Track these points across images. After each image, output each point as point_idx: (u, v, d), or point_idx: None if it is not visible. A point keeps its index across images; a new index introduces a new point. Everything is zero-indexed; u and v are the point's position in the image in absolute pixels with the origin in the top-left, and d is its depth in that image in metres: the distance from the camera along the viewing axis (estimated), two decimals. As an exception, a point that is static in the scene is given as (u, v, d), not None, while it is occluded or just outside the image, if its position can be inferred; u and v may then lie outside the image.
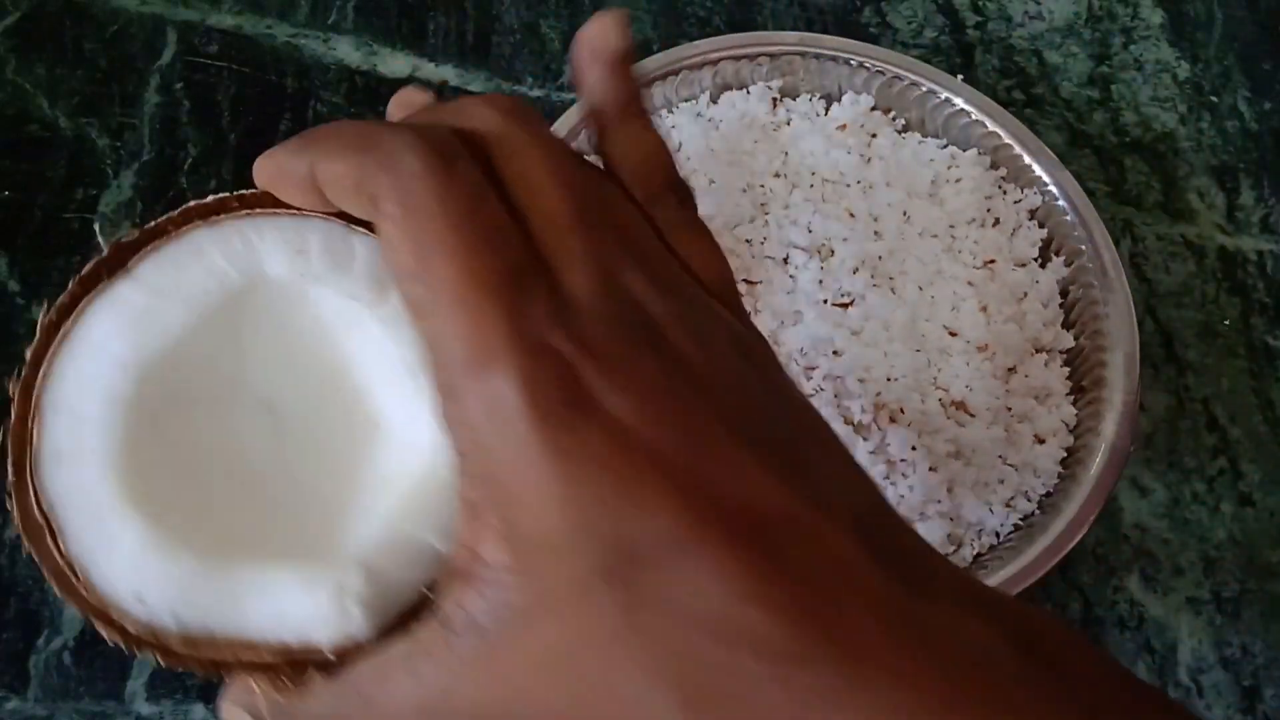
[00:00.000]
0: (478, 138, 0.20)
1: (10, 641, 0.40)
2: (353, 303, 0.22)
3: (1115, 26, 0.57)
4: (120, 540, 0.21)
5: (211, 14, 0.53)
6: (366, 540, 0.21)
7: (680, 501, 0.17)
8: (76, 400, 0.21)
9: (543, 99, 0.52)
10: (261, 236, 0.23)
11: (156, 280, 0.22)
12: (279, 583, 0.21)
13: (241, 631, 0.20)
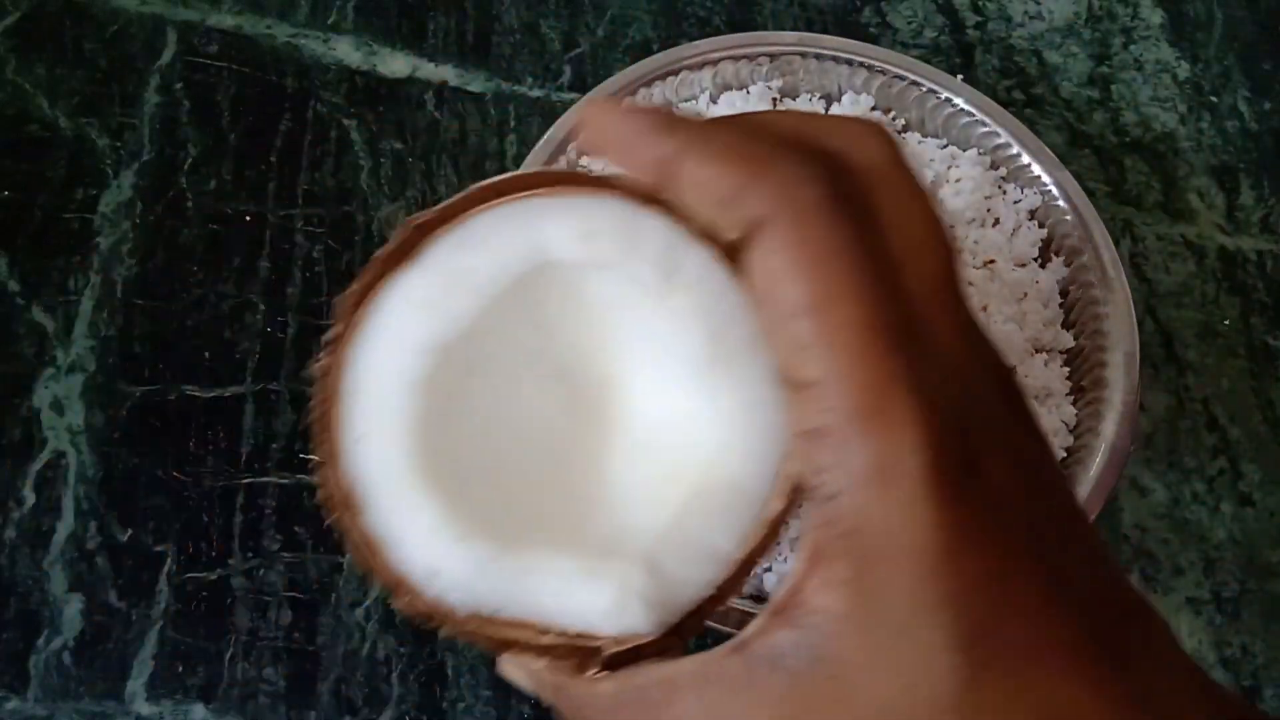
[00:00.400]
0: (859, 170, 0.19)
1: (10, 641, 0.40)
2: (637, 289, 0.22)
3: (1115, 26, 0.57)
4: (417, 519, 0.21)
5: (211, 14, 0.53)
6: (651, 533, 0.21)
7: (1054, 611, 0.17)
8: (375, 385, 0.22)
9: (542, 99, 0.52)
10: (550, 218, 0.22)
11: (446, 266, 0.22)
12: (565, 570, 0.21)
13: (526, 613, 0.21)
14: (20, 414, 0.44)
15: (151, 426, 0.44)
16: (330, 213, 0.49)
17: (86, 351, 0.45)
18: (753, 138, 0.19)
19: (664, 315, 0.22)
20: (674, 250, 0.21)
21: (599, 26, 0.55)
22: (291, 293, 0.47)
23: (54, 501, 0.42)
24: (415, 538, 0.21)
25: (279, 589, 0.41)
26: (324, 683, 0.40)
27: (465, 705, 0.40)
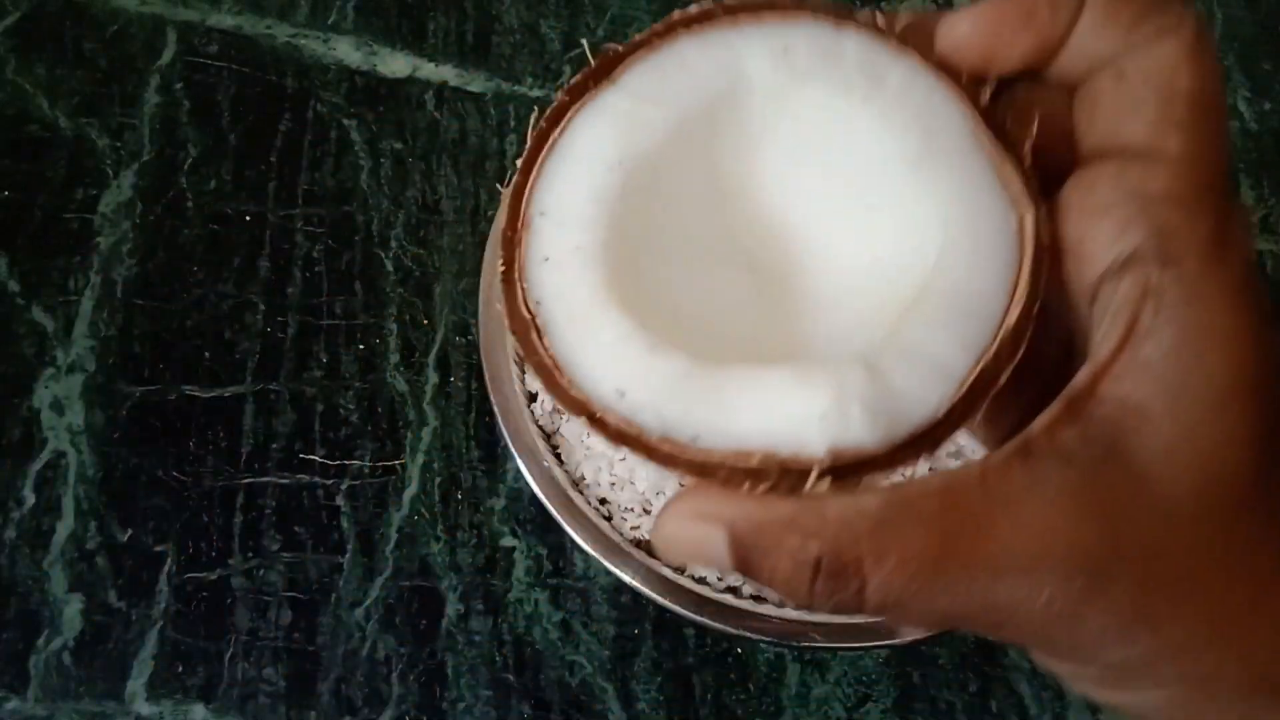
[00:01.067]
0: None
1: (10, 641, 0.40)
2: (839, 100, 0.22)
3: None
4: (603, 336, 0.20)
5: (211, 14, 0.53)
6: (870, 343, 0.20)
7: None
8: (564, 204, 0.21)
9: (542, 99, 0.52)
10: (745, 40, 0.22)
11: (641, 87, 0.22)
12: (771, 382, 0.19)
13: (727, 435, 0.19)
14: (20, 414, 0.44)
15: (151, 426, 0.44)
16: (330, 213, 0.49)
17: (86, 351, 0.45)
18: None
19: (873, 117, 0.21)
20: (877, 58, 0.21)
21: (599, 26, 0.55)
22: (291, 293, 0.47)
23: (54, 501, 0.42)
24: (601, 354, 0.20)
25: (279, 589, 0.41)
26: (324, 683, 0.40)
27: (465, 705, 0.40)
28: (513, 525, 0.43)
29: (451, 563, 0.42)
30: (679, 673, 0.41)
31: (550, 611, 0.42)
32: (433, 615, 0.41)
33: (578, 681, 0.40)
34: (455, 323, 0.47)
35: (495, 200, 0.49)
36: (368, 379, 0.45)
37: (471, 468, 0.44)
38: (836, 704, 0.41)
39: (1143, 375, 0.17)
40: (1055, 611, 0.17)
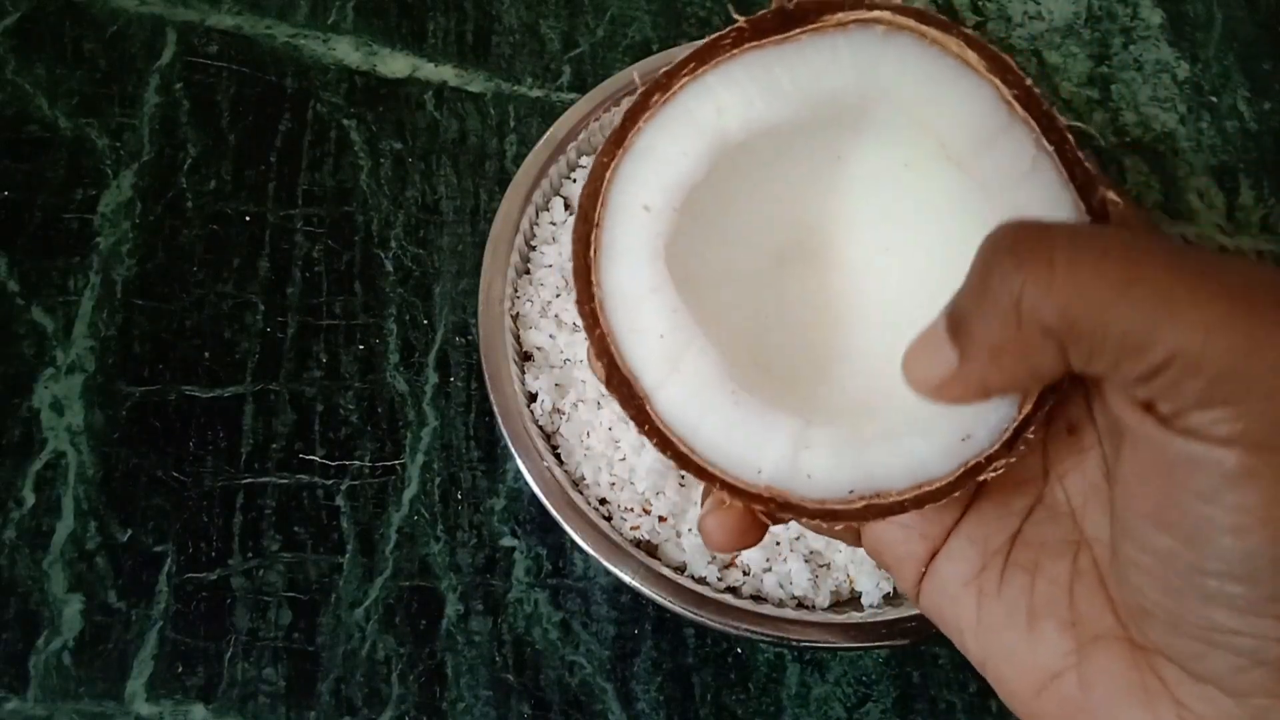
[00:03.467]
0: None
1: (10, 641, 0.40)
2: (938, 156, 0.22)
3: (1115, 26, 0.57)
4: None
5: (211, 14, 0.53)
6: (886, 408, 0.23)
7: None
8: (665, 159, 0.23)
9: (543, 99, 0.52)
10: (900, 62, 0.22)
11: (759, 73, 0.22)
12: (782, 424, 0.22)
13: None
14: (20, 414, 0.44)
15: (151, 426, 0.44)
16: (330, 213, 0.49)
17: (86, 351, 0.45)
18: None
19: (964, 183, 0.22)
20: (996, 128, 0.21)
21: (599, 26, 0.55)
22: (291, 293, 0.47)
23: (54, 501, 0.42)
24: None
25: (279, 589, 0.41)
26: (324, 683, 0.40)
27: (465, 705, 0.40)
28: (513, 525, 0.43)
29: (451, 563, 0.42)
30: (679, 673, 0.41)
31: (550, 611, 0.42)
32: (433, 615, 0.41)
33: (578, 681, 0.40)
34: (455, 323, 0.47)
35: (495, 200, 0.49)
36: (368, 379, 0.45)
37: (471, 468, 0.44)
38: (836, 704, 0.41)
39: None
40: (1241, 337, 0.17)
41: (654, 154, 0.23)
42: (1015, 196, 0.21)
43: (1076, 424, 0.23)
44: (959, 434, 0.22)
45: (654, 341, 0.22)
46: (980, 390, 0.21)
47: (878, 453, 0.22)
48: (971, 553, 0.24)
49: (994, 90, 0.21)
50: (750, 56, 0.22)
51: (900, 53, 0.22)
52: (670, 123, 0.23)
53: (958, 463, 0.22)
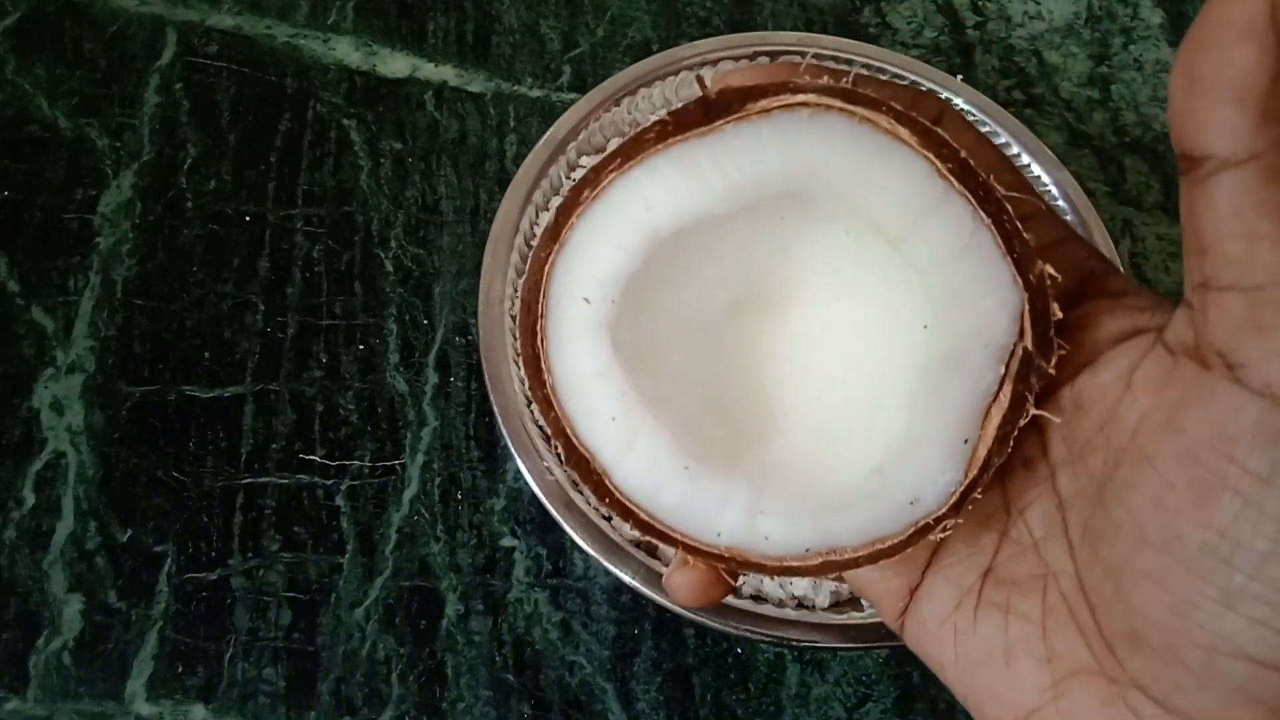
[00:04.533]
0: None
1: (10, 641, 0.40)
2: (870, 234, 0.23)
3: (1115, 26, 0.57)
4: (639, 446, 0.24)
5: (211, 14, 0.53)
6: (840, 476, 0.24)
7: None
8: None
9: (542, 99, 0.52)
10: (828, 143, 0.22)
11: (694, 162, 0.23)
12: (737, 492, 0.24)
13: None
14: (20, 414, 0.44)
15: (151, 426, 0.44)
16: (330, 213, 0.49)
17: (86, 351, 0.45)
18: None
19: (894, 261, 0.23)
20: (931, 203, 0.22)
21: (599, 26, 0.55)
22: (291, 293, 0.47)
23: (54, 501, 0.42)
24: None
25: (279, 589, 0.41)
26: (324, 683, 0.40)
27: (465, 705, 0.40)
28: (513, 525, 0.43)
29: (451, 563, 0.42)
30: (679, 673, 0.41)
31: (550, 611, 0.42)
32: (433, 615, 0.41)
33: (578, 681, 0.40)
34: (455, 323, 0.47)
35: (495, 200, 0.49)
36: (368, 379, 0.45)
37: (471, 468, 0.44)
38: (836, 704, 0.41)
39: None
40: None
41: (588, 249, 0.23)
42: (950, 274, 0.22)
43: (1031, 458, 0.23)
44: (907, 498, 0.22)
45: (606, 424, 0.23)
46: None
47: (831, 519, 0.23)
48: (947, 591, 0.24)
49: (928, 165, 0.21)
50: (675, 150, 0.22)
51: (827, 133, 0.22)
52: (601, 219, 0.23)
53: (908, 523, 0.23)
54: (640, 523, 0.24)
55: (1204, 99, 0.17)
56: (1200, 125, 0.18)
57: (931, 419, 0.22)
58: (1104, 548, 0.21)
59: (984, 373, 0.22)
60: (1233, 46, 0.17)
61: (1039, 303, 0.21)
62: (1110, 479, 0.21)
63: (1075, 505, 0.22)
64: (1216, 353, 0.18)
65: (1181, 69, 0.18)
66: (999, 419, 0.22)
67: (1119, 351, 0.22)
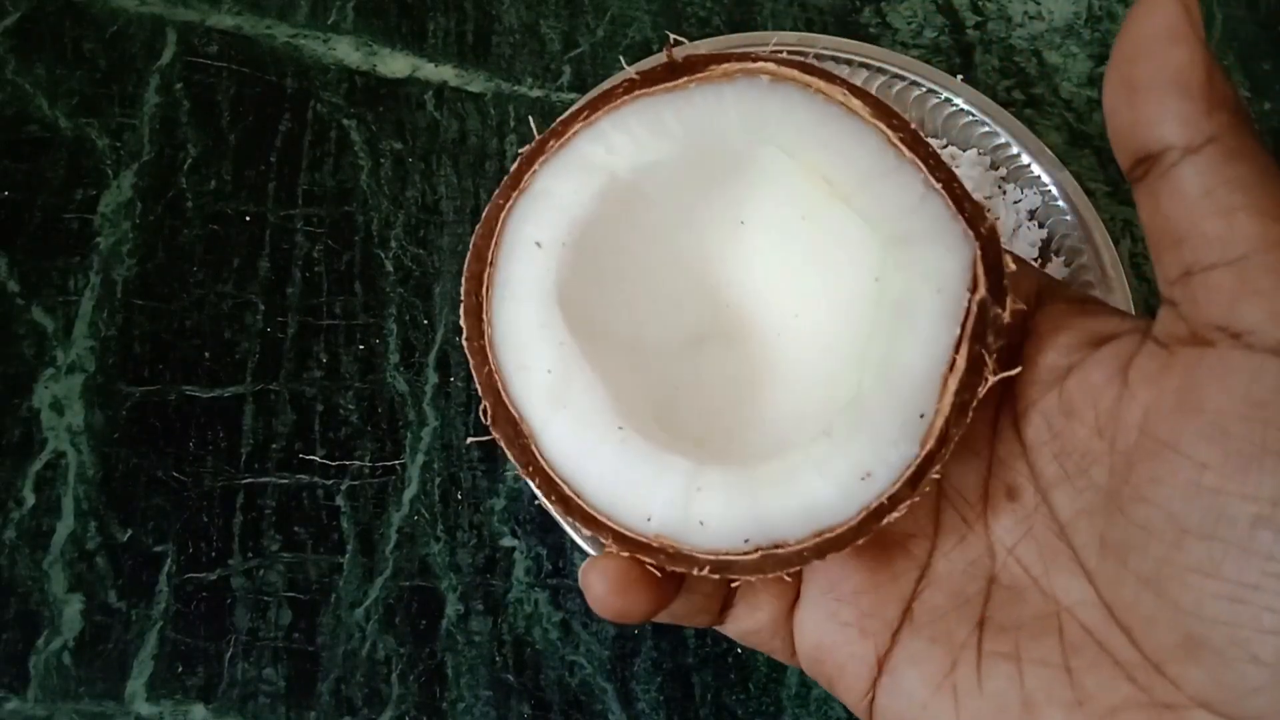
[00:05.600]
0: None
1: (10, 641, 0.40)
2: (820, 191, 0.23)
3: (1115, 27, 0.57)
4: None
5: (211, 14, 0.53)
6: (791, 440, 0.23)
7: None
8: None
9: (542, 99, 0.52)
10: (785, 108, 0.23)
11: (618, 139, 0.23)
12: (678, 468, 0.22)
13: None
14: (20, 414, 0.44)
15: (151, 426, 0.44)
16: (330, 213, 0.49)
17: (86, 351, 0.45)
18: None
19: (856, 224, 0.22)
20: (884, 168, 0.22)
21: (599, 26, 0.55)
22: (291, 293, 0.47)
23: (54, 501, 0.42)
24: (535, 386, 0.23)
25: (279, 589, 0.41)
26: (324, 683, 0.40)
27: (465, 705, 0.40)
28: (513, 525, 0.43)
29: (451, 563, 0.42)
30: (679, 673, 0.41)
31: (550, 611, 0.42)
32: (433, 615, 0.41)
33: (578, 681, 0.40)
34: (455, 323, 0.47)
35: (495, 200, 0.49)
36: (368, 379, 0.45)
37: (471, 468, 0.44)
38: (836, 704, 0.41)
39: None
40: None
41: (547, 194, 0.23)
42: (905, 225, 0.22)
43: (1015, 487, 0.22)
44: (858, 472, 0.21)
45: (541, 377, 0.22)
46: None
47: (774, 495, 0.21)
48: (935, 651, 0.22)
49: (880, 135, 0.22)
50: (641, 103, 0.23)
51: (785, 100, 0.22)
52: (563, 165, 0.23)
53: (858, 506, 0.21)
54: (563, 498, 0.22)
55: (1149, 99, 0.18)
56: (1151, 122, 0.18)
57: (882, 378, 0.21)
58: (1133, 557, 0.19)
59: (936, 327, 0.21)
60: (1165, 51, 0.18)
61: (992, 252, 0.21)
62: (1125, 482, 0.20)
63: (1080, 526, 0.21)
64: (1216, 328, 0.18)
65: (1117, 83, 0.19)
66: (956, 385, 0.21)
67: (1105, 353, 0.21)
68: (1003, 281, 0.21)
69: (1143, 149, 0.18)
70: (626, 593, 0.23)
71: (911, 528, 0.23)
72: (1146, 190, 0.19)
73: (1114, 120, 0.19)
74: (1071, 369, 0.21)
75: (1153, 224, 0.19)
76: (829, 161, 0.22)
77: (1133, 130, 0.18)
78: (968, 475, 0.23)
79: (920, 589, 0.23)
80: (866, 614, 0.23)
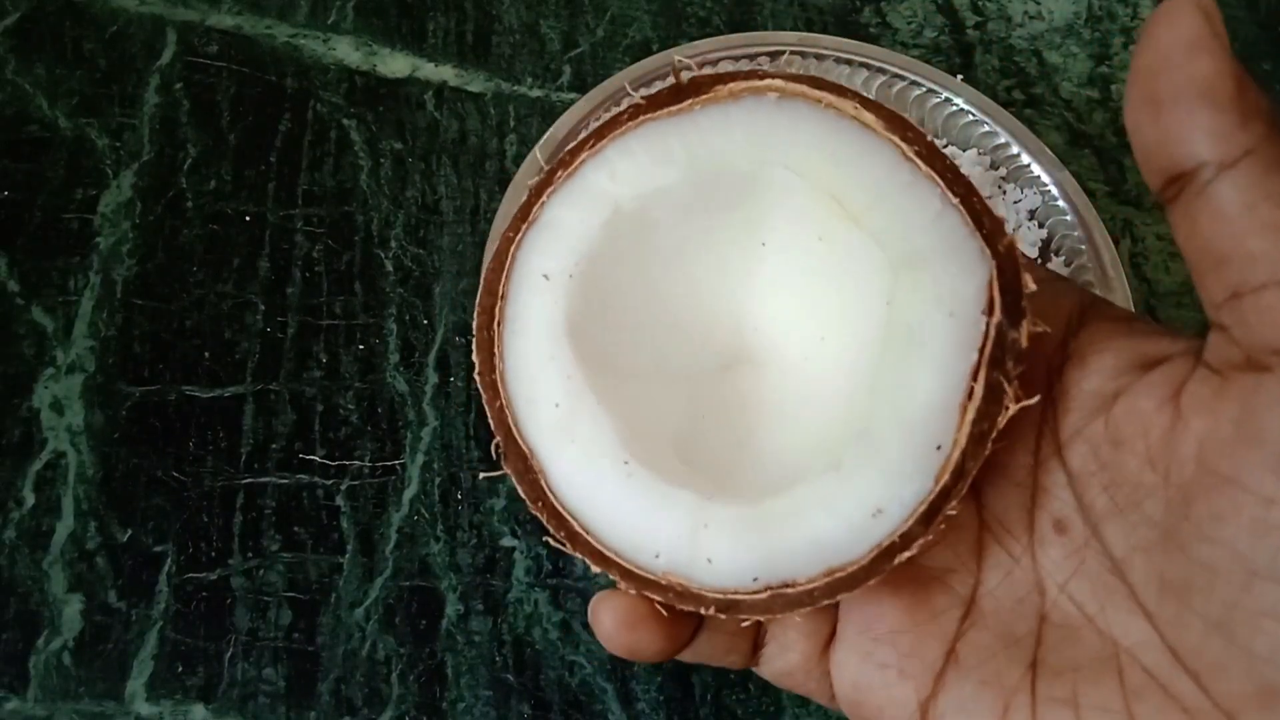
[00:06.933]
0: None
1: (10, 641, 0.40)
2: (831, 210, 0.22)
3: (1115, 26, 0.57)
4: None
5: (211, 14, 0.53)
6: (801, 473, 0.22)
7: None
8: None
9: (542, 99, 0.52)
10: (794, 126, 0.22)
11: (625, 167, 0.23)
12: (681, 500, 0.21)
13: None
14: (20, 414, 0.44)
15: (151, 426, 0.44)
16: (330, 213, 0.49)
17: (86, 351, 0.45)
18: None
19: (856, 236, 0.22)
20: (898, 184, 0.21)
21: (599, 26, 0.55)
22: (291, 293, 0.47)
23: (54, 501, 0.42)
24: (543, 420, 0.22)
25: (279, 589, 0.41)
26: (324, 683, 0.40)
27: (465, 705, 0.40)
28: (513, 525, 0.43)
29: (451, 563, 0.42)
30: (679, 673, 0.41)
31: (550, 611, 0.42)
32: (433, 615, 0.41)
33: (578, 681, 0.40)
34: (455, 323, 0.47)
35: (495, 200, 0.49)
36: (368, 379, 0.45)
37: (471, 468, 0.44)
38: (836, 704, 0.41)
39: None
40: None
41: (554, 225, 0.23)
42: (918, 242, 0.21)
43: (1063, 519, 0.21)
44: (868, 509, 0.20)
45: (549, 412, 0.22)
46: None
47: (782, 532, 0.21)
48: (985, 695, 0.20)
49: (894, 149, 0.21)
50: (646, 128, 0.23)
51: (793, 117, 0.22)
52: (569, 196, 0.23)
53: (870, 543, 0.20)
54: (572, 535, 0.22)
55: (1177, 114, 0.17)
56: (1181, 139, 0.17)
57: (894, 408, 0.20)
58: (1197, 599, 0.18)
59: (951, 353, 0.20)
60: (1189, 62, 0.17)
61: (1009, 272, 0.20)
62: (1184, 518, 0.18)
63: (1136, 563, 0.19)
64: (1273, 352, 0.17)
65: (1139, 99, 0.18)
66: (973, 415, 0.19)
67: (1154, 378, 0.20)
68: (1020, 303, 0.20)
69: (1174, 167, 0.17)
70: (635, 629, 0.22)
71: (952, 562, 0.22)
72: (1181, 210, 0.18)
73: (1139, 138, 0.18)
74: (1118, 394, 0.20)
75: (1191, 245, 0.18)
76: (840, 179, 0.22)
77: (1161, 148, 0.17)
78: (1010, 506, 0.21)
79: (965, 628, 0.21)
80: (906, 655, 0.21)
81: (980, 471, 0.20)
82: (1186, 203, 0.18)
